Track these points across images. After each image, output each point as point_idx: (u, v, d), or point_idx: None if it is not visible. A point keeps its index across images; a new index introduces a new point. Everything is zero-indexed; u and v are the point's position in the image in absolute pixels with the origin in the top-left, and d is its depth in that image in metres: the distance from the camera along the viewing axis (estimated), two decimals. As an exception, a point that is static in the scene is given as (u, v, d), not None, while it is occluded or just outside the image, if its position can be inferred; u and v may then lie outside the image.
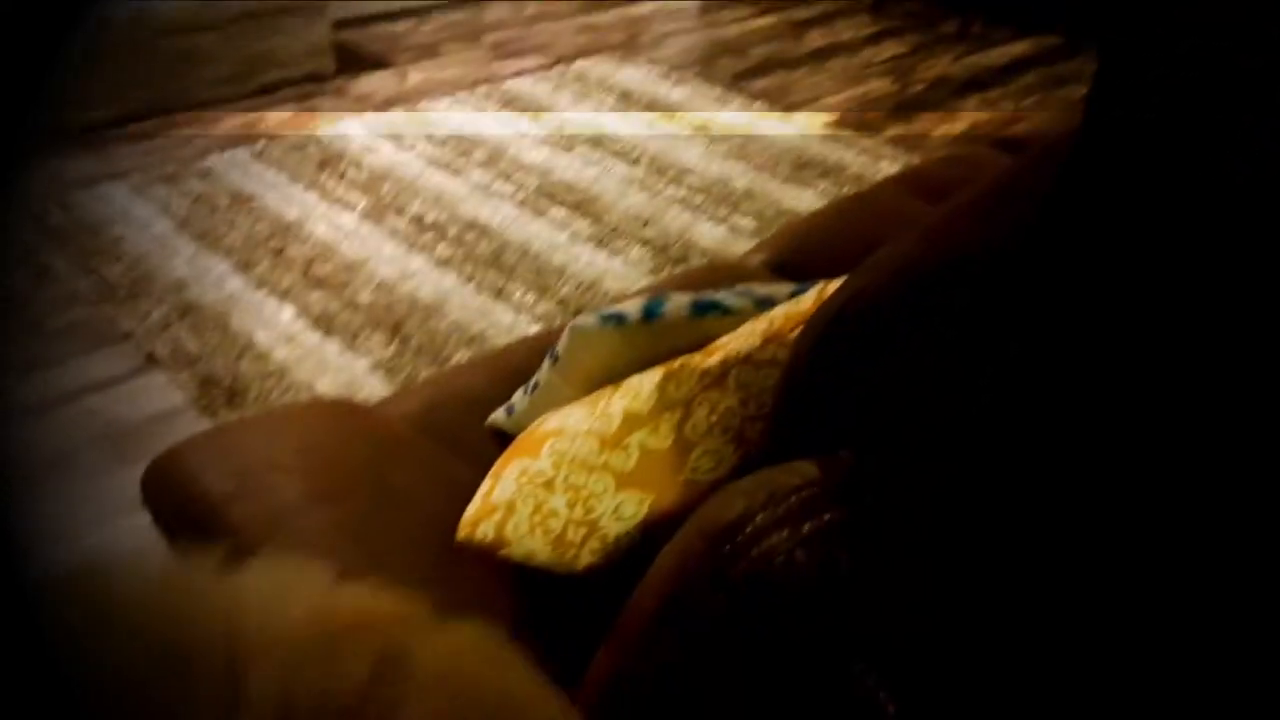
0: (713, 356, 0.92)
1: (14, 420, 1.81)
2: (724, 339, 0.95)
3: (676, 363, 0.93)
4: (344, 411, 1.23)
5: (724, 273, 1.53)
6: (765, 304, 1.04)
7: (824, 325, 0.68)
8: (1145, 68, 0.47)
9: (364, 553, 1.00)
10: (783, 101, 3.26)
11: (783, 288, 1.08)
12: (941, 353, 0.60)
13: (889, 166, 2.78)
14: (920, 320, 0.63)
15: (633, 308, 1.03)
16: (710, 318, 1.03)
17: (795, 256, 1.56)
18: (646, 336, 1.02)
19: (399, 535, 1.02)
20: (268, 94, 3.17)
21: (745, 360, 0.90)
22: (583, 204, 2.55)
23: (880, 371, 0.63)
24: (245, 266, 2.24)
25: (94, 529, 1.56)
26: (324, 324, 2.06)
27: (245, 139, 2.86)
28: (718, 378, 0.90)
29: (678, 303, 1.03)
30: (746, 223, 2.51)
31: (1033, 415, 0.54)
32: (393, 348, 2.00)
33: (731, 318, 1.03)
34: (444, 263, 2.29)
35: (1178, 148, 0.46)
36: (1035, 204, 0.63)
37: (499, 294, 2.19)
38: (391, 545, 1.01)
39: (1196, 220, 0.46)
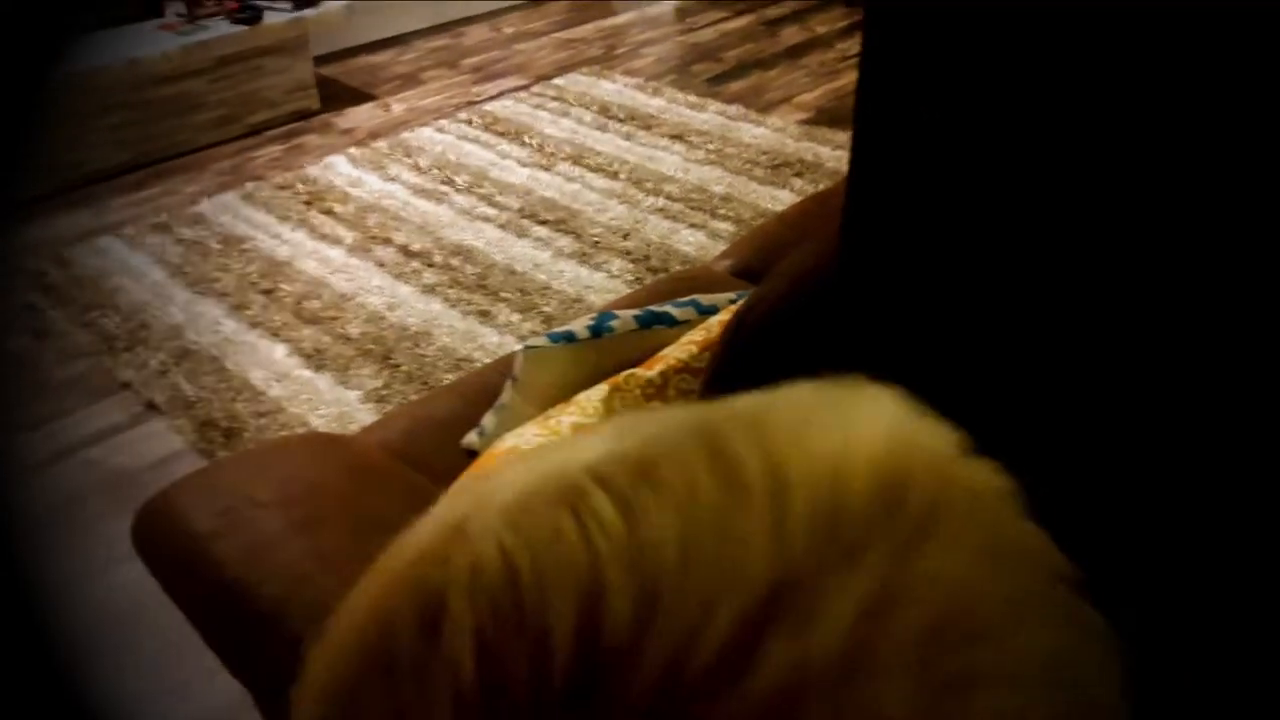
0: (654, 368, 0.96)
1: (19, 476, 1.87)
2: (666, 350, 0.99)
3: (621, 376, 0.97)
4: (322, 444, 1.28)
5: (691, 282, 1.57)
6: (709, 312, 1.08)
7: (728, 334, 0.72)
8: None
9: (342, 579, 1.05)
10: (758, 102, 3.30)
11: (726, 295, 1.12)
12: (827, 358, 0.64)
13: (865, 159, 2.81)
14: (811, 326, 0.67)
15: (582, 326, 1.07)
16: (657, 329, 1.08)
17: (758, 260, 1.60)
18: (597, 352, 1.06)
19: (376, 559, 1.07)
20: (255, 135, 3.24)
21: (683, 369, 0.94)
22: (564, 221, 2.60)
23: (776, 377, 0.67)
24: (238, 308, 2.30)
25: (98, 578, 1.61)
26: (316, 359, 2.11)
27: (234, 182, 2.93)
28: (659, 388, 0.94)
29: (625, 318, 1.08)
30: (725, 227, 2.55)
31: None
32: (383, 377, 2.05)
33: (677, 328, 1.07)
34: (430, 289, 2.34)
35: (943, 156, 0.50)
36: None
37: (485, 316, 2.23)
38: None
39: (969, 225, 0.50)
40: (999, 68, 0.51)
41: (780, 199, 2.65)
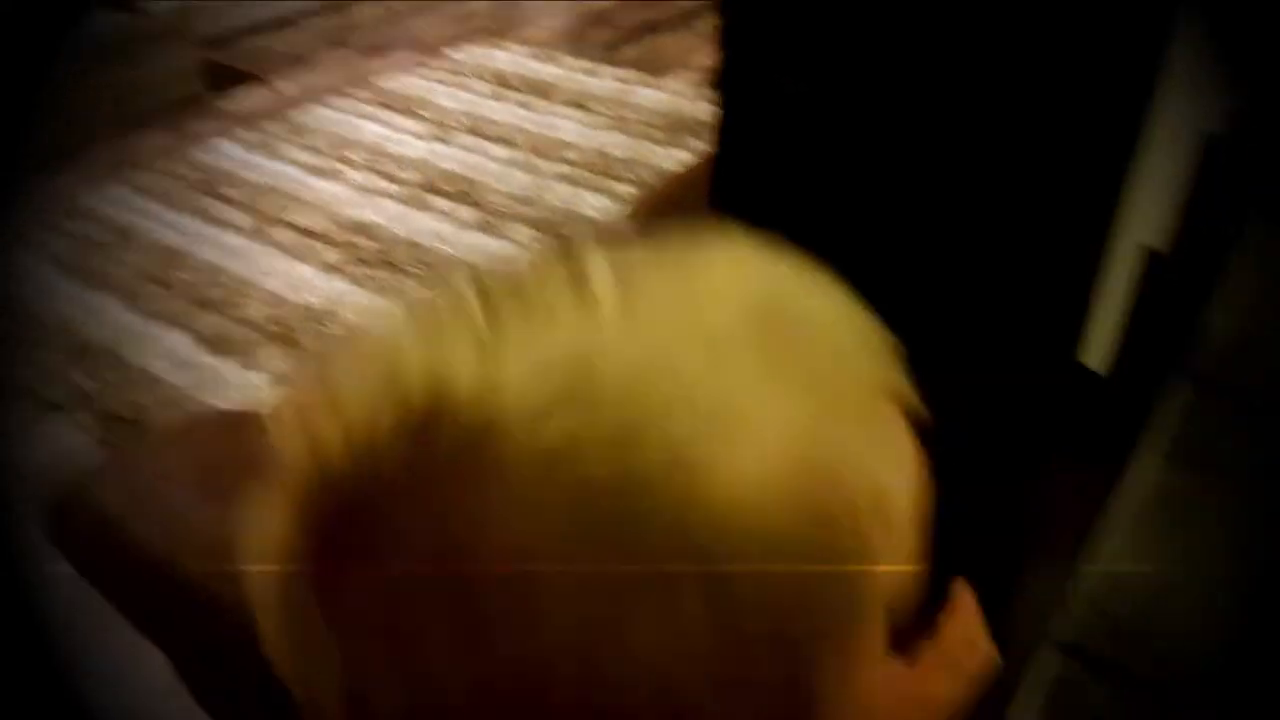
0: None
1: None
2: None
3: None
4: (230, 420, 1.27)
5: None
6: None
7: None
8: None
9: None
10: (654, 66, 3.31)
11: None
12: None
13: (761, 117, 2.85)
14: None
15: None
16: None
17: (659, 219, 1.62)
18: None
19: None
20: (142, 123, 3.14)
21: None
22: (465, 192, 2.59)
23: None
24: (133, 299, 2.24)
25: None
26: (218, 345, 2.08)
27: (121, 172, 2.84)
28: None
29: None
30: (628, 190, 2.57)
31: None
32: (289, 359, 2.03)
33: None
34: (332, 268, 2.31)
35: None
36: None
37: (390, 292, 2.22)
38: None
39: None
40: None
41: (681, 160, 2.67)
